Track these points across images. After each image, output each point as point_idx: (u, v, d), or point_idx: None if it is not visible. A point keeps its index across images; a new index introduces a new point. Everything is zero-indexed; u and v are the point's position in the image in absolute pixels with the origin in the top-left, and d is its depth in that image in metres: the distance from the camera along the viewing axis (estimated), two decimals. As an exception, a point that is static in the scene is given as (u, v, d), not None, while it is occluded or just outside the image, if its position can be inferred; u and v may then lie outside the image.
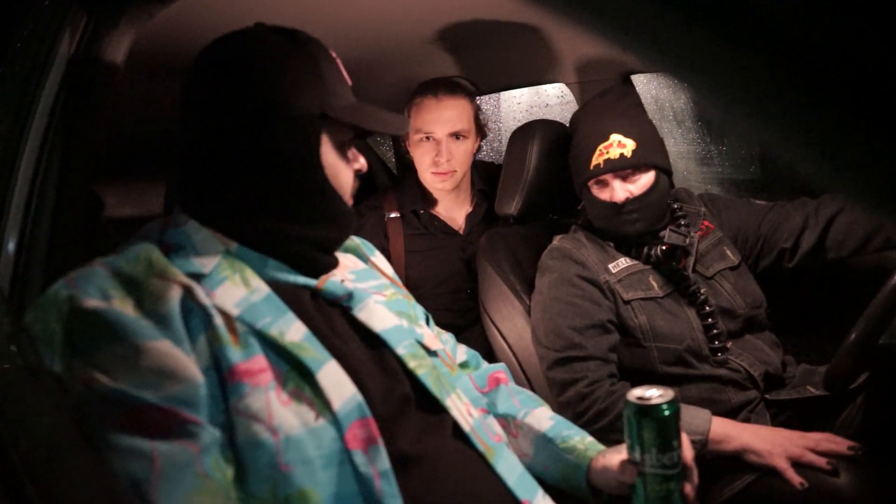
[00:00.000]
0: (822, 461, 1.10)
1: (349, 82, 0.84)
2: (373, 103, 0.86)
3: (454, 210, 1.78)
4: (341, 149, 0.82)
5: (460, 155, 1.68)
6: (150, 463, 0.60)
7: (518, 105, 4.28)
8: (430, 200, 1.77)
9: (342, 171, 0.82)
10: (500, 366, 1.10)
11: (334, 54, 0.83)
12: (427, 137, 1.67)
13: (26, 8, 0.84)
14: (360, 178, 0.86)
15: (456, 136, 1.66)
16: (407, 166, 1.89)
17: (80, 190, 0.90)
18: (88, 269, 0.69)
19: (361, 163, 0.85)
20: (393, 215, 1.76)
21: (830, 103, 0.26)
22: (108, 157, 0.98)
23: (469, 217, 1.79)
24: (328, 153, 0.79)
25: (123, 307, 0.66)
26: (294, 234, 0.79)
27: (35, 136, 0.84)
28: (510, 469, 0.81)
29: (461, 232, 1.77)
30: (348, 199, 0.83)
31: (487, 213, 1.81)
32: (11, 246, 0.81)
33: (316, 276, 0.82)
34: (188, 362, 0.66)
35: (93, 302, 0.65)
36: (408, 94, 1.74)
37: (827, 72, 0.25)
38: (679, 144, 3.29)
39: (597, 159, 1.32)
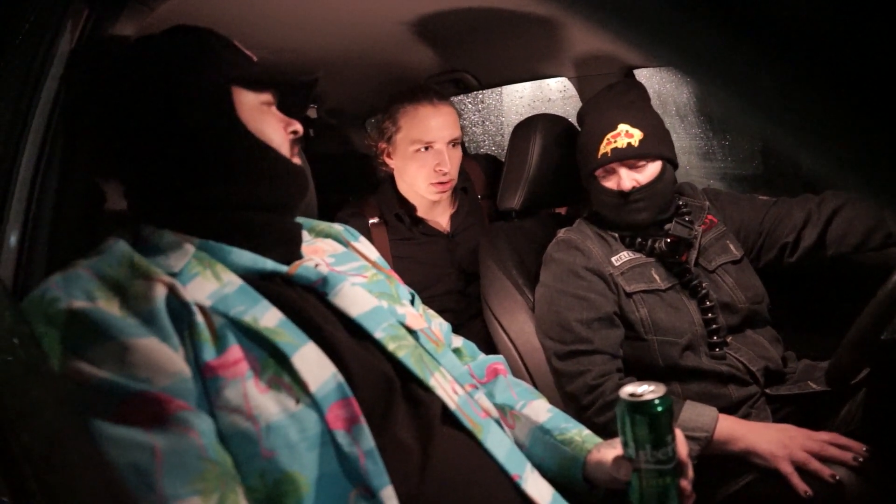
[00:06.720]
0: (826, 471, 1.07)
1: (252, 57, 0.87)
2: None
3: (438, 213, 1.72)
4: (261, 111, 0.84)
5: (457, 162, 1.62)
6: (151, 451, 0.61)
7: (520, 99, 4.26)
8: (410, 205, 1.69)
9: (268, 128, 0.83)
10: (499, 357, 1.10)
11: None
12: (426, 147, 1.58)
13: (27, 2, 0.84)
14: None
15: (453, 143, 1.60)
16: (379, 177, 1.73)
17: (82, 183, 0.90)
18: (71, 272, 0.70)
19: (296, 126, 0.87)
20: (374, 221, 1.68)
21: (834, 98, 0.26)
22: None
23: (453, 217, 1.73)
24: (247, 114, 0.82)
25: (109, 307, 0.67)
26: (239, 201, 0.81)
27: (37, 130, 0.84)
28: (499, 444, 0.82)
29: (446, 233, 1.72)
30: (286, 153, 0.85)
31: (471, 211, 1.77)
32: (14, 238, 0.81)
33: (281, 251, 0.83)
34: (176, 357, 0.67)
35: (78, 303, 0.66)
36: (388, 100, 1.63)
37: (831, 66, 0.25)
38: (681, 139, 3.27)
39: (604, 148, 1.33)
